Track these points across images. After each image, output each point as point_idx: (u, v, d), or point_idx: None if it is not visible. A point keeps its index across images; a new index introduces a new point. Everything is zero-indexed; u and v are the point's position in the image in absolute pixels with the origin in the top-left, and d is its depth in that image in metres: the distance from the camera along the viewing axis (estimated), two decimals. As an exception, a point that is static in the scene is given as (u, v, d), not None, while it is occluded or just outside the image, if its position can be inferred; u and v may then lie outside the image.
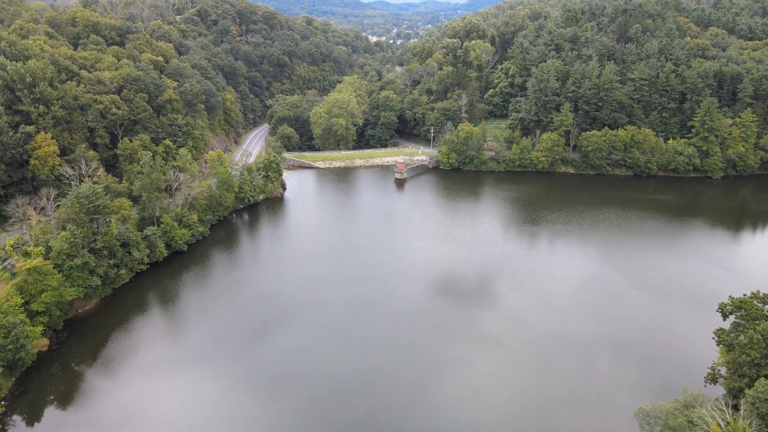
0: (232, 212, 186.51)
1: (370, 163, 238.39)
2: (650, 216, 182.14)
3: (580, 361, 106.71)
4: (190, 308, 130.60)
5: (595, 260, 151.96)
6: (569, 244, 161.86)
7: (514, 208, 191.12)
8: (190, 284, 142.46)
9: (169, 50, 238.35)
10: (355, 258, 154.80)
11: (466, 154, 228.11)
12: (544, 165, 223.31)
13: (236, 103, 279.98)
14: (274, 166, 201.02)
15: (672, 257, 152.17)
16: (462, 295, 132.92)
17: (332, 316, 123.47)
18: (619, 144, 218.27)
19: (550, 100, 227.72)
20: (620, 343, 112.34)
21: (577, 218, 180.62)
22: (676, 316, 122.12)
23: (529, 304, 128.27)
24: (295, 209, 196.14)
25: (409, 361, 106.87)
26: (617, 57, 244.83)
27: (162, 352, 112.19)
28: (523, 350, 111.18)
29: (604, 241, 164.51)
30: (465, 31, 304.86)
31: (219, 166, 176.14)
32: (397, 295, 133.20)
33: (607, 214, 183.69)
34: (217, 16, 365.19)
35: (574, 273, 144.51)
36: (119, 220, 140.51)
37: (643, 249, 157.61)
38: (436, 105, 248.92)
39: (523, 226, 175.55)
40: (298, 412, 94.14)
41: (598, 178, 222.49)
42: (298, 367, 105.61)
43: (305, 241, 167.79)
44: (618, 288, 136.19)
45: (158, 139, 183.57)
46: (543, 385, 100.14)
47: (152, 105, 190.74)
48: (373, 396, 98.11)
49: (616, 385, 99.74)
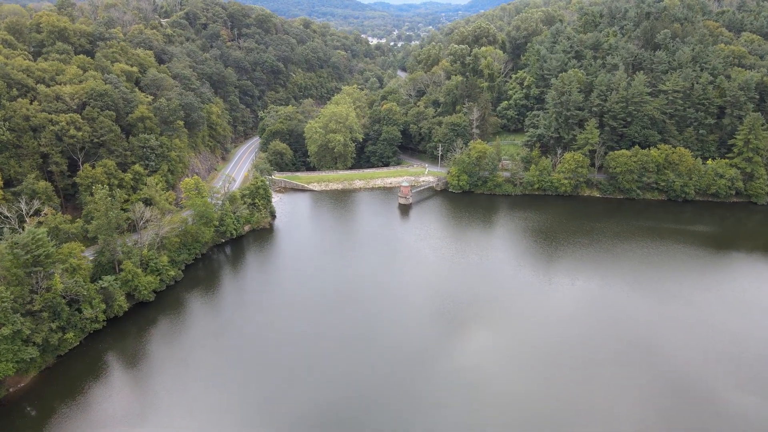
0: (212, 248, 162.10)
1: (370, 185, 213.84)
2: (686, 248, 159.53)
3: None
4: (157, 373, 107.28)
5: (624, 302, 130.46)
6: (595, 281, 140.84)
7: (531, 239, 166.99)
8: (157, 342, 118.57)
9: (147, 59, 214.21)
10: (353, 306, 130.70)
11: (479, 175, 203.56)
12: (566, 188, 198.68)
13: (224, 115, 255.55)
14: (262, 192, 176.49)
15: (712, 297, 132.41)
16: (473, 343, 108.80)
17: (331, 386, 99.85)
18: (652, 165, 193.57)
19: (573, 115, 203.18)
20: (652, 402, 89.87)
21: (603, 251, 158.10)
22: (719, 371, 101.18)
23: (547, 355, 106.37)
24: (286, 242, 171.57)
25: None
26: (645, 66, 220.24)
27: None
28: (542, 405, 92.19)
29: (634, 278, 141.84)
30: (474, 36, 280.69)
31: (196, 196, 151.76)
32: (401, 357, 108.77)
33: (637, 245, 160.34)
34: (207, 20, 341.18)
35: (600, 316, 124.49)
36: (67, 271, 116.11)
37: (678, 287, 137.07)
38: (444, 119, 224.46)
39: (541, 257, 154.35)
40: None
41: (626, 203, 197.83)
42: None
43: (295, 283, 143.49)
44: (649, 334, 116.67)
45: (126, 164, 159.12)
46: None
47: (121, 124, 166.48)
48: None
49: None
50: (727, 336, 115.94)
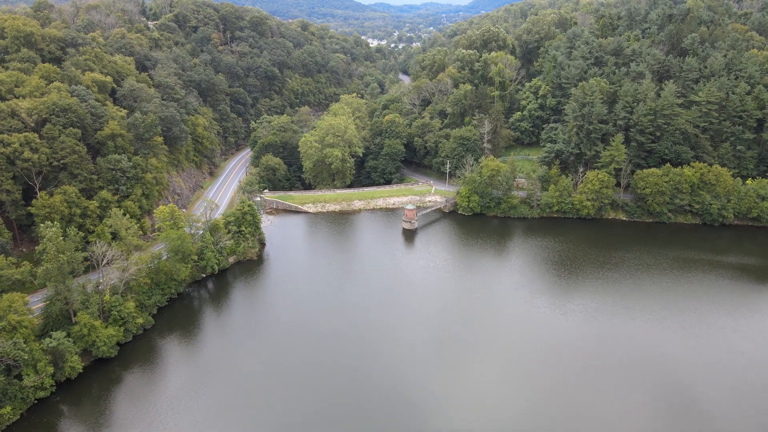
0: (190, 284, 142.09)
1: (371, 206, 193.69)
2: (725, 281, 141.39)
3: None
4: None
5: (655, 341, 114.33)
6: (619, 317, 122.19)
7: (549, 271, 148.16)
8: (121, 404, 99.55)
9: (125, 66, 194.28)
10: (353, 349, 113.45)
11: (491, 196, 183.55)
12: (589, 211, 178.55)
13: (212, 127, 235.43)
14: (249, 219, 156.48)
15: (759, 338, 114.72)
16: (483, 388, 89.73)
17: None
18: (685, 185, 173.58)
19: (596, 129, 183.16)
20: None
21: (630, 284, 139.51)
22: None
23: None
24: (276, 276, 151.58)
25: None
26: (673, 74, 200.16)
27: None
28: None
29: (666, 316, 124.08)
30: (482, 40, 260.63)
31: (171, 227, 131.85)
32: (403, 409, 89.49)
33: (669, 277, 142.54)
34: (198, 22, 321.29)
35: (628, 356, 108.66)
36: (5, 330, 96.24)
37: (716, 327, 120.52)
38: (452, 132, 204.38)
39: (559, 292, 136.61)
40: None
41: (656, 227, 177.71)
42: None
43: (287, 323, 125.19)
44: (686, 379, 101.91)
45: (93, 190, 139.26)
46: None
47: (89, 142, 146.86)
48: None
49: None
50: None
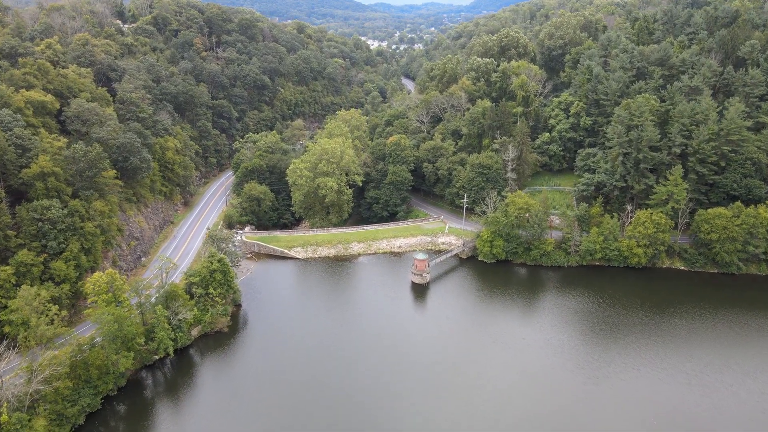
0: (138, 371, 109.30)
1: (373, 249, 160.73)
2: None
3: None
4: None
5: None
6: (691, 400, 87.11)
7: (587, 339, 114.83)
8: None
9: (78, 80, 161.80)
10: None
11: (519, 240, 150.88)
12: (640, 259, 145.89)
13: (188, 149, 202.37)
14: (219, 278, 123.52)
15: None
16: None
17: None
18: (762, 230, 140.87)
19: (646, 158, 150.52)
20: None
21: (695, 361, 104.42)
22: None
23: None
24: (252, 352, 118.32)
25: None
26: (734, 89, 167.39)
27: None
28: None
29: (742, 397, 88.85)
30: (500, 47, 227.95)
31: (106, 304, 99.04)
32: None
33: (741, 349, 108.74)
34: (180, 25, 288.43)
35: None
36: None
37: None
38: (470, 158, 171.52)
39: (599, 367, 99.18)
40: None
41: (723, 279, 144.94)
42: None
43: (263, 414, 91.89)
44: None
45: (9, 250, 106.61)
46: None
47: (10, 184, 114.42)
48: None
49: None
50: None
